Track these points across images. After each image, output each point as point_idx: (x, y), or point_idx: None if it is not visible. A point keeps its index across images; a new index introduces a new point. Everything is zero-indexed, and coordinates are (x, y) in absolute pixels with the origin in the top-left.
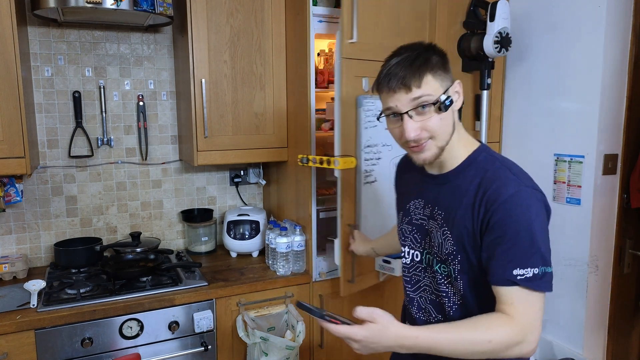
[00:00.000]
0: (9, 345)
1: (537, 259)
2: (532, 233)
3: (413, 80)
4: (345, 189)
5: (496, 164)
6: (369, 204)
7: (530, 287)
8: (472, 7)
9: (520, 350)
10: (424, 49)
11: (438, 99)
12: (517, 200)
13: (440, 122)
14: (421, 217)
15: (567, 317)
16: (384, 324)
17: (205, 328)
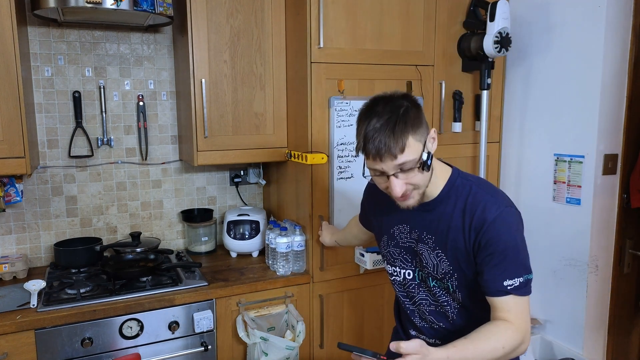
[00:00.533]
0: (9, 345)
1: (521, 269)
2: (516, 247)
3: (397, 149)
4: (317, 182)
5: (473, 187)
6: (343, 198)
7: (519, 294)
8: (472, 7)
9: (521, 349)
10: (400, 104)
11: (420, 160)
12: (500, 222)
13: (422, 176)
14: (409, 240)
15: (567, 317)
16: (425, 353)
17: (205, 328)
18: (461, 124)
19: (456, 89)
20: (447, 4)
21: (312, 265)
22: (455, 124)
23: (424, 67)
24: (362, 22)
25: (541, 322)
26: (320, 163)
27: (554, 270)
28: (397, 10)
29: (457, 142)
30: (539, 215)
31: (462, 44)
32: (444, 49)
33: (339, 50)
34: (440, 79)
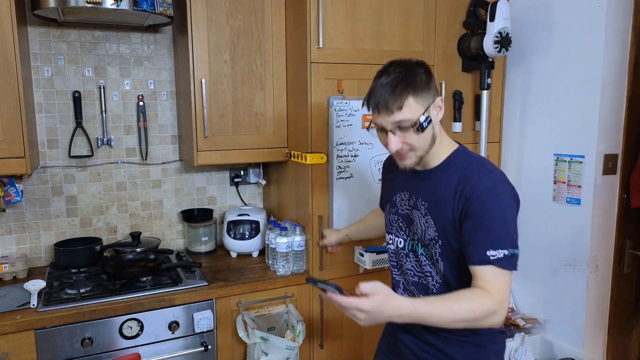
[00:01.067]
0: (9, 345)
1: (507, 242)
2: (503, 220)
3: (395, 105)
4: (317, 182)
5: (473, 162)
6: (342, 197)
7: (502, 266)
8: (472, 7)
9: (494, 319)
10: (410, 68)
11: (417, 121)
12: (491, 192)
13: (418, 139)
14: (406, 207)
15: (567, 317)
16: (387, 295)
17: (205, 328)
18: (461, 124)
19: (456, 89)
20: (447, 4)
21: (312, 265)
22: (455, 124)
23: None
24: (361, 22)
25: (541, 322)
26: (320, 163)
27: (554, 270)
28: (397, 10)
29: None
30: (539, 215)
31: (462, 44)
32: (444, 49)
33: (339, 51)
34: (440, 79)
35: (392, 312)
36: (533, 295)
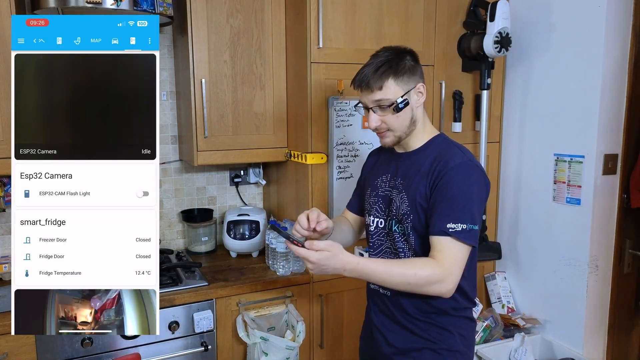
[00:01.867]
0: (9, 345)
1: (467, 217)
2: (468, 196)
3: (375, 85)
4: (317, 182)
5: (450, 144)
6: (342, 198)
7: (459, 238)
8: (472, 7)
9: (439, 288)
10: (398, 53)
11: (394, 102)
12: (460, 169)
13: (396, 119)
14: (386, 188)
15: (567, 317)
16: (334, 252)
17: (205, 328)
18: (461, 124)
19: (456, 89)
20: (447, 4)
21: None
22: (455, 124)
23: (424, 67)
24: (361, 22)
25: (541, 322)
26: (320, 163)
27: (554, 270)
28: (397, 10)
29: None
30: (539, 215)
31: (462, 44)
32: (444, 49)
33: (339, 51)
34: (440, 79)
35: (338, 265)
36: (533, 295)
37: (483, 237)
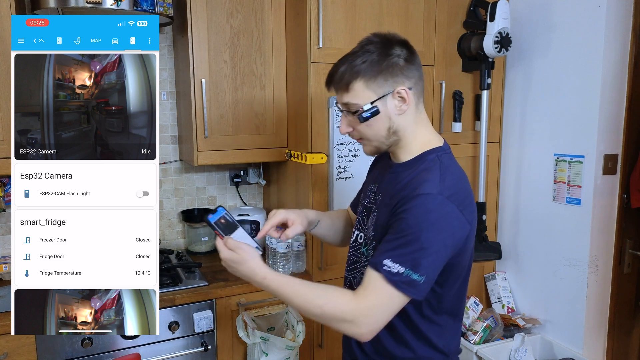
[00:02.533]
0: (9, 345)
1: (409, 261)
2: (418, 236)
3: (339, 85)
4: (317, 182)
5: (436, 165)
6: (342, 198)
7: (390, 281)
8: (472, 7)
9: (349, 329)
10: (387, 46)
11: (359, 109)
12: (422, 202)
13: (367, 128)
14: (371, 200)
15: (567, 317)
16: (244, 258)
17: (205, 328)
18: (461, 124)
19: (456, 89)
20: (447, 4)
21: (312, 265)
22: (455, 124)
23: (424, 67)
24: (361, 22)
25: (541, 322)
26: (320, 163)
27: (554, 270)
28: (397, 10)
29: (457, 142)
30: (539, 215)
31: (462, 44)
32: (444, 49)
33: (339, 51)
34: (440, 79)
35: (246, 272)
36: (533, 295)
37: (483, 237)
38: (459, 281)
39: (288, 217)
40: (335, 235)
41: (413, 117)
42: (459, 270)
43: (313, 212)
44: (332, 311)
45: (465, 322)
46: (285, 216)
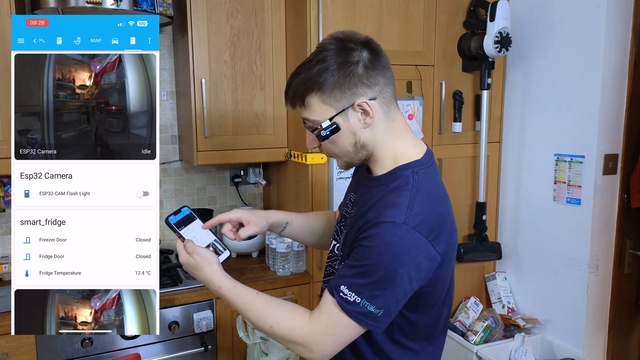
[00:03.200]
0: (9, 345)
1: (367, 293)
2: (377, 268)
3: (295, 102)
4: (317, 182)
5: (409, 184)
6: (342, 198)
7: (344, 309)
8: (472, 7)
9: (300, 351)
10: (341, 51)
11: (318, 127)
12: (385, 232)
13: (330, 145)
14: (349, 211)
15: (567, 317)
16: (200, 263)
17: (205, 328)
18: (461, 124)
19: (456, 89)
20: (447, 4)
21: (312, 265)
22: (455, 124)
23: (424, 67)
24: (361, 22)
25: (541, 322)
26: (320, 163)
27: (554, 271)
28: (397, 10)
29: (457, 142)
30: (539, 215)
31: (462, 44)
32: (444, 49)
33: None
34: (440, 79)
35: (203, 278)
36: (533, 295)
37: (483, 237)
38: (435, 307)
39: (243, 217)
40: (312, 237)
41: (383, 128)
42: (433, 298)
43: (279, 214)
44: (282, 332)
45: (466, 322)
46: (240, 216)
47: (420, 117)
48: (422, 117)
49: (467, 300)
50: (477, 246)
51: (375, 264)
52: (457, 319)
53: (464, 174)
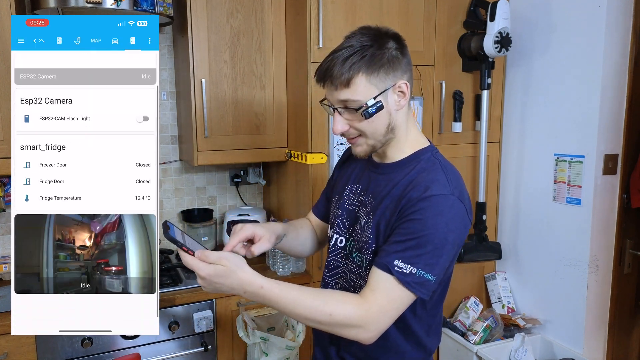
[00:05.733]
0: (9, 345)
1: (422, 262)
2: (432, 237)
3: (340, 80)
4: (317, 182)
5: (435, 165)
6: None
7: (402, 282)
8: (472, 7)
9: (356, 334)
10: (379, 39)
11: (363, 105)
12: (433, 203)
13: (368, 125)
14: (354, 203)
15: (567, 317)
16: (231, 268)
17: (205, 328)
18: (461, 124)
19: (456, 89)
20: (447, 4)
21: (312, 265)
22: (455, 124)
23: (424, 67)
24: (361, 22)
25: (541, 322)
26: (320, 163)
27: (554, 271)
28: (397, 10)
29: (457, 142)
30: (539, 215)
31: (462, 44)
32: (444, 49)
33: None
34: (440, 79)
35: (236, 285)
36: (533, 295)
37: (483, 237)
38: (446, 277)
39: (255, 232)
40: (303, 246)
41: (406, 113)
42: (451, 267)
43: (280, 226)
44: (341, 319)
45: (466, 322)
46: (253, 231)
47: (420, 117)
48: (422, 117)
49: (467, 300)
50: (477, 246)
51: (429, 234)
52: (457, 319)
53: (464, 174)
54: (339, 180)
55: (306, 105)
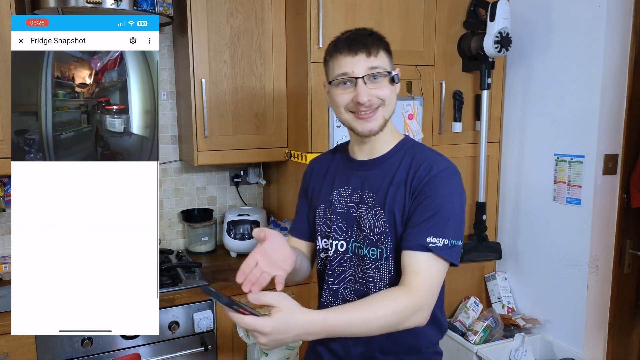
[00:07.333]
0: (9, 345)
1: (451, 231)
2: (452, 207)
3: (373, 48)
4: None
5: (420, 146)
6: None
7: (440, 254)
8: (472, 7)
9: (417, 318)
10: (374, 32)
11: (390, 71)
12: (444, 176)
13: (390, 93)
14: (347, 204)
15: (567, 317)
16: (292, 310)
17: (205, 328)
18: (461, 124)
19: (456, 89)
20: (447, 4)
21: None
22: (455, 124)
23: (424, 67)
24: (361, 22)
25: (541, 322)
26: None
27: (554, 271)
28: (397, 10)
29: (457, 142)
30: (539, 215)
31: (462, 44)
32: (444, 49)
33: None
34: (440, 79)
35: (300, 331)
36: (533, 295)
37: (483, 237)
38: None
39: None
40: (306, 269)
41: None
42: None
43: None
44: (401, 310)
45: (465, 322)
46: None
47: (420, 117)
48: (422, 117)
49: (467, 300)
50: (477, 246)
51: (448, 206)
52: (457, 319)
53: (464, 174)
54: (317, 192)
55: (306, 105)
